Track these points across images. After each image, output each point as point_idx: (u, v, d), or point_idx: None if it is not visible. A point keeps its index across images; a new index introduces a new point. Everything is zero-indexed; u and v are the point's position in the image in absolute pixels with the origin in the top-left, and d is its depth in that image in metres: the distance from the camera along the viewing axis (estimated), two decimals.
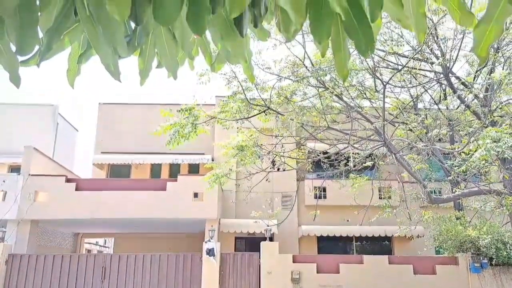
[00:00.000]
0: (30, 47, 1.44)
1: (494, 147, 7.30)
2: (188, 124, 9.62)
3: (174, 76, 1.94)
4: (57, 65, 3.83)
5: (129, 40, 1.65)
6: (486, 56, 1.43)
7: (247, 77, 2.27)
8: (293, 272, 11.69)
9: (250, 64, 2.17)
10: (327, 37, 1.61)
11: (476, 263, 11.62)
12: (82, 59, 1.74)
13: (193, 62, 2.16)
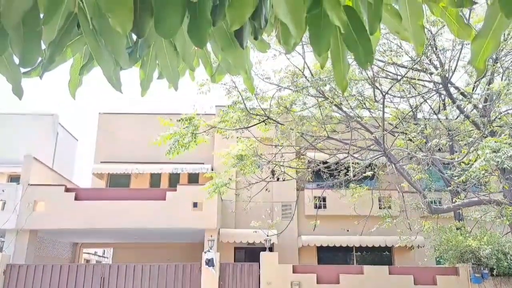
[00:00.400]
0: (33, 60, 1.46)
1: (493, 157, 7.31)
2: (188, 133, 9.64)
3: (175, 87, 1.96)
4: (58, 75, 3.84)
5: (131, 52, 1.67)
6: (484, 68, 1.45)
7: (247, 88, 2.28)
8: (293, 282, 11.62)
9: (250, 75, 2.19)
10: (327, 49, 1.63)
11: (476, 273, 11.55)
12: (83, 70, 1.76)
13: (194, 73, 2.18)
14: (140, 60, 1.80)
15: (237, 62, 1.95)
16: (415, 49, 1.78)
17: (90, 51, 1.67)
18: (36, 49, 1.46)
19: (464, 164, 9.83)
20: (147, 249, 17.44)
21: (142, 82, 1.90)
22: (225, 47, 1.81)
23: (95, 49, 1.59)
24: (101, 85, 16.55)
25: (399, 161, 10.78)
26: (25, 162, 13.82)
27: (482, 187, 12.33)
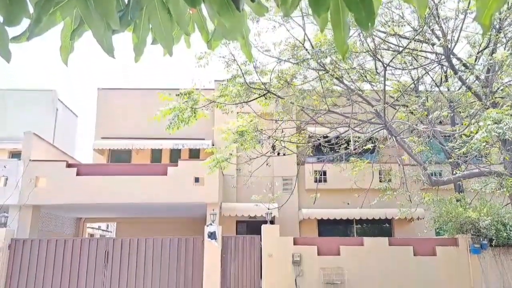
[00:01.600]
0: (18, 18, 1.41)
1: (495, 128, 7.27)
2: (188, 108, 9.57)
3: (169, 52, 1.90)
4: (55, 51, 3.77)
5: (122, 15, 1.61)
6: (489, 24, 1.39)
7: (245, 57, 2.22)
8: (294, 254, 11.77)
9: (247, 41, 2.13)
10: (326, 9, 1.57)
11: (476, 244, 11.69)
12: (75, 35, 1.70)
13: (190, 39, 2.11)
14: (133, 24, 1.74)
15: (233, 27, 1.89)
16: (418, 11, 1.72)
17: (80, 14, 1.61)
18: (21, 7, 1.40)
19: (465, 136, 9.79)
20: (150, 223, 17.63)
21: (135, 47, 1.85)
22: (221, 11, 1.74)
23: (85, 12, 1.53)
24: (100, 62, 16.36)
25: (400, 134, 10.74)
26: (25, 138, 13.81)
27: (482, 158, 12.34)
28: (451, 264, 11.76)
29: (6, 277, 11.60)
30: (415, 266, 11.72)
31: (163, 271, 11.88)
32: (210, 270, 11.71)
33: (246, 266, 11.99)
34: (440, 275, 11.60)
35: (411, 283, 11.49)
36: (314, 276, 11.59)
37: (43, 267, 11.73)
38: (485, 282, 11.57)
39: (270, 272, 11.71)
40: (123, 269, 11.85)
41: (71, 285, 11.68)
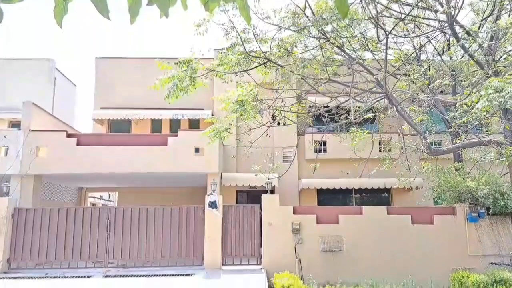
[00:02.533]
0: None
1: (496, 97, 7.21)
2: (186, 77, 9.47)
3: (166, 14, 1.85)
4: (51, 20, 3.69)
5: None
6: None
7: (244, 19, 2.17)
8: (293, 223, 11.93)
9: (246, 3, 2.07)
10: None
11: (473, 213, 11.83)
12: None
13: (186, 1, 2.05)
14: None
15: None
16: None
17: None
18: None
19: (466, 106, 9.74)
20: (151, 193, 17.80)
21: (130, 8, 1.80)
22: None
23: None
24: (96, 31, 16.08)
25: (401, 104, 10.67)
26: (24, 108, 13.75)
27: (483, 128, 12.33)
28: (448, 232, 11.94)
29: (11, 245, 11.81)
30: (413, 235, 11.90)
31: (164, 239, 12.08)
32: (211, 238, 11.91)
33: (246, 234, 12.19)
34: (437, 243, 11.80)
35: (409, 251, 11.70)
36: (313, 244, 11.79)
37: (46, 235, 11.93)
38: (482, 250, 11.78)
39: (270, 240, 11.91)
40: (125, 237, 12.05)
41: (74, 253, 11.92)
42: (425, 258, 11.58)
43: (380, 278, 10.35)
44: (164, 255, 12.07)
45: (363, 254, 11.65)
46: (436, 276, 10.94)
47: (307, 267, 11.40)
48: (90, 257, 11.98)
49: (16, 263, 11.85)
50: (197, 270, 11.54)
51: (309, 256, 11.66)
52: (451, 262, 11.59)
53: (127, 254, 12.01)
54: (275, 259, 11.66)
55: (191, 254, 12.10)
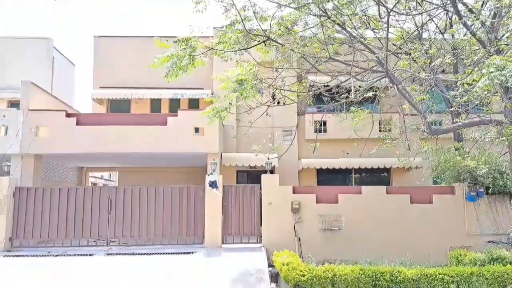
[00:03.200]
0: None
1: (498, 75, 7.14)
2: (186, 55, 9.38)
3: None
4: None
5: None
6: None
7: None
8: (293, 202, 12.01)
9: None
10: None
11: (472, 192, 11.89)
12: None
13: None
14: None
15: None
16: None
17: None
18: None
19: (467, 85, 9.67)
20: (151, 173, 17.86)
21: None
22: None
23: None
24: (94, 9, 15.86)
25: (402, 82, 10.60)
26: (23, 88, 13.68)
27: (483, 107, 12.28)
28: (447, 211, 12.02)
29: (12, 224, 11.91)
30: (412, 214, 11.98)
31: (165, 218, 12.18)
32: (211, 217, 12.01)
33: (246, 214, 12.28)
34: (436, 222, 11.90)
35: (407, 230, 11.81)
36: (312, 223, 11.89)
37: (47, 214, 12.02)
38: (480, 228, 11.89)
39: (269, 219, 12.00)
40: (126, 216, 12.14)
41: (76, 231, 12.03)
42: (423, 237, 11.70)
43: (378, 256, 10.46)
44: (165, 234, 12.19)
45: (362, 233, 11.76)
46: (434, 254, 11.06)
47: (306, 246, 11.52)
48: (91, 236, 12.10)
49: (18, 242, 11.97)
50: (198, 249, 11.67)
51: (308, 234, 11.77)
52: (449, 241, 11.71)
53: (128, 232, 12.12)
54: (275, 237, 11.77)
55: (191, 233, 12.22)
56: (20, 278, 9.54)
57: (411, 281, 8.92)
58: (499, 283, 9.01)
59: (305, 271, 9.00)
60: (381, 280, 8.88)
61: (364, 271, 9.00)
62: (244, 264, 10.32)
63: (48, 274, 9.74)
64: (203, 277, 9.60)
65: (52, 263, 10.53)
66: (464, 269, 9.22)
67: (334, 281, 8.87)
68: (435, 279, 8.96)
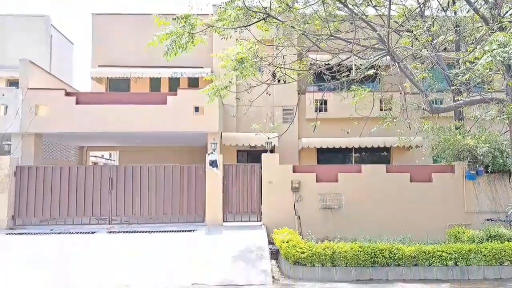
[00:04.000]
0: None
1: (500, 52, 7.08)
2: (185, 33, 9.27)
3: None
4: None
5: None
6: None
7: None
8: (293, 181, 12.06)
9: None
10: None
11: (472, 171, 11.92)
12: None
13: None
14: None
15: None
16: None
17: None
18: None
19: (469, 63, 9.60)
20: (152, 152, 17.89)
21: None
22: None
23: None
24: None
25: (403, 60, 10.50)
26: (21, 66, 13.56)
27: (485, 86, 12.21)
28: (446, 190, 12.08)
29: (15, 203, 12.00)
30: (411, 192, 12.04)
31: (166, 197, 12.26)
32: (212, 196, 12.08)
33: (247, 192, 12.36)
34: (435, 201, 11.97)
35: (407, 207, 11.89)
36: (312, 202, 11.97)
37: (49, 193, 12.09)
38: (478, 206, 11.97)
39: (270, 198, 12.08)
40: (127, 195, 12.22)
41: (78, 210, 12.13)
42: (422, 215, 11.79)
43: (378, 234, 10.58)
44: (166, 212, 12.29)
45: (362, 211, 11.85)
46: (433, 232, 11.16)
47: (306, 224, 11.63)
48: (93, 214, 12.21)
49: (21, 220, 12.09)
50: (199, 227, 11.78)
51: (308, 213, 11.87)
52: (448, 219, 11.81)
53: (130, 211, 12.22)
54: (275, 216, 11.87)
55: (192, 211, 12.32)
56: (23, 255, 9.66)
57: (409, 258, 9.04)
58: (496, 260, 9.14)
59: (305, 248, 9.12)
60: (380, 257, 9.00)
61: (363, 248, 9.11)
62: (244, 242, 10.43)
63: (51, 252, 9.86)
64: (204, 254, 9.73)
65: (55, 241, 10.65)
66: (462, 246, 9.34)
67: (333, 258, 8.99)
68: (433, 256, 9.08)
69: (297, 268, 9.02)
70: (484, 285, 8.58)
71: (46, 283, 8.26)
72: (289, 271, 9.11)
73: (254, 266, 9.19)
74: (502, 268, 9.13)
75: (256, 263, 9.32)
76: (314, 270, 8.93)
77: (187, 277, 8.53)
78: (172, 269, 8.94)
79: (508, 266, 9.14)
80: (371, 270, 8.98)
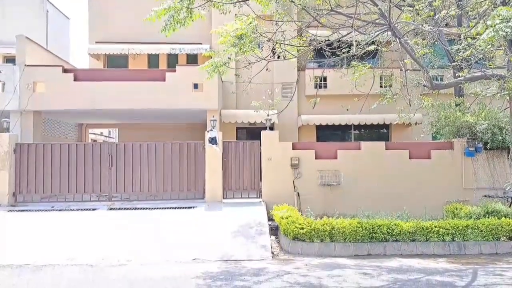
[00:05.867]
0: None
1: (503, 27, 6.96)
2: (183, 8, 9.10)
3: None
4: None
5: None
6: None
7: None
8: (292, 158, 12.10)
9: None
10: None
11: (470, 147, 11.94)
12: None
13: None
14: None
15: None
16: None
17: None
18: None
19: (470, 39, 9.46)
20: (151, 129, 17.87)
21: None
22: None
23: None
24: None
25: (404, 36, 10.37)
26: (18, 42, 13.40)
27: (486, 62, 12.10)
28: (445, 166, 12.13)
29: (15, 180, 12.05)
30: (410, 169, 12.10)
31: (166, 174, 12.31)
32: (212, 172, 12.13)
33: (246, 169, 12.40)
34: (434, 177, 12.03)
35: (405, 184, 11.96)
36: (311, 178, 12.03)
37: (49, 170, 12.13)
38: (476, 183, 12.04)
39: (269, 175, 12.13)
40: (127, 172, 12.26)
41: (78, 187, 12.19)
42: (421, 192, 11.87)
43: (376, 210, 10.67)
44: (166, 189, 12.36)
45: (361, 188, 11.93)
46: (431, 208, 11.27)
47: (305, 200, 11.72)
48: (94, 191, 12.28)
49: (22, 197, 12.16)
50: (199, 203, 11.87)
51: (307, 189, 11.94)
52: (446, 195, 11.89)
53: (130, 188, 12.29)
54: (274, 192, 11.95)
55: (192, 188, 12.39)
56: (26, 232, 9.77)
57: (407, 233, 9.15)
58: (493, 235, 9.25)
59: (304, 224, 9.21)
60: (378, 233, 9.11)
61: (362, 224, 9.21)
62: (244, 218, 10.54)
63: (52, 228, 9.96)
64: (205, 230, 9.84)
65: (57, 218, 10.75)
66: (459, 222, 9.44)
67: (332, 233, 9.10)
68: (430, 232, 9.19)
69: (296, 243, 9.13)
70: (480, 260, 8.71)
71: (50, 256, 8.36)
72: (288, 246, 9.23)
73: (254, 241, 9.31)
74: (499, 243, 9.26)
75: (256, 239, 9.44)
76: (313, 245, 9.05)
77: (187, 253, 8.64)
78: (173, 245, 9.05)
79: (504, 241, 9.27)
80: (369, 246, 9.09)
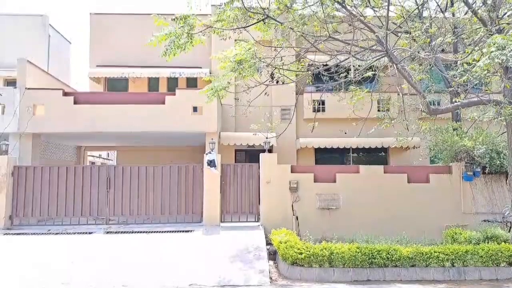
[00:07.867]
0: None
1: (498, 54, 7.09)
2: (184, 33, 9.26)
3: None
4: None
5: None
6: None
7: None
8: (291, 181, 12.09)
9: None
10: None
11: (469, 171, 11.97)
12: None
13: None
14: None
15: None
16: None
17: None
18: None
19: (467, 64, 9.61)
20: (150, 152, 17.89)
21: None
22: None
23: None
24: None
25: (401, 62, 10.53)
26: (19, 66, 13.53)
27: (482, 87, 12.26)
28: (444, 190, 12.13)
29: (12, 202, 11.98)
30: (409, 193, 12.09)
31: (164, 196, 12.27)
32: (210, 195, 12.09)
33: (244, 192, 12.38)
34: (432, 201, 12.02)
35: (404, 208, 11.93)
36: (310, 202, 12.00)
37: (47, 192, 12.09)
38: (475, 207, 12.02)
39: (268, 198, 12.10)
40: (125, 194, 12.21)
41: (75, 210, 12.12)
42: (419, 216, 11.83)
43: (375, 234, 10.62)
44: (164, 212, 12.30)
45: (359, 211, 11.88)
46: (430, 233, 11.22)
47: (304, 224, 11.65)
48: (91, 214, 12.21)
49: (18, 220, 12.07)
50: (197, 227, 11.79)
51: (306, 213, 11.89)
52: (445, 219, 11.86)
53: (127, 211, 12.22)
54: (273, 216, 11.89)
55: (190, 211, 12.33)
56: (21, 255, 9.65)
57: (407, 259, 9.07)
58: (493, 261, 9.18)
59: (303, 249, 9.14)
60: (378, 258, 9.03)
61: (361, 249, 9.14)
62: (242, 242, 10.45)
63: (48, 252, 9.85)
64: (202, 254, 9.74)
65: (53, 241, 10.64)
66: (459, 247, 9.38)
67: (331, 259, 9.02)
68: (430, 257, 9.12)
69: (295, 268, 9.04)
70: (481, 286, 8.62)
71: (44, 280, 8.24)
72: (287, 271, 9.13)
73: (252, 266, 9.20)
74: (499, 269, 9.18)
75: (254, 264, 9.34)
76: (312, 270, 8.96)
77: (184, 278, 8.54)
78: (170, 269, 8.94)
79: (504, 267, 9.19)
80: (368, 271, 9.00)
